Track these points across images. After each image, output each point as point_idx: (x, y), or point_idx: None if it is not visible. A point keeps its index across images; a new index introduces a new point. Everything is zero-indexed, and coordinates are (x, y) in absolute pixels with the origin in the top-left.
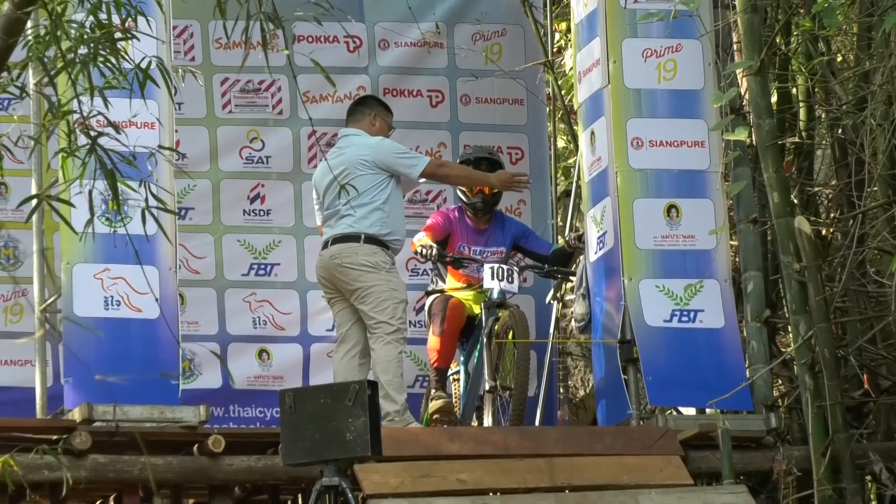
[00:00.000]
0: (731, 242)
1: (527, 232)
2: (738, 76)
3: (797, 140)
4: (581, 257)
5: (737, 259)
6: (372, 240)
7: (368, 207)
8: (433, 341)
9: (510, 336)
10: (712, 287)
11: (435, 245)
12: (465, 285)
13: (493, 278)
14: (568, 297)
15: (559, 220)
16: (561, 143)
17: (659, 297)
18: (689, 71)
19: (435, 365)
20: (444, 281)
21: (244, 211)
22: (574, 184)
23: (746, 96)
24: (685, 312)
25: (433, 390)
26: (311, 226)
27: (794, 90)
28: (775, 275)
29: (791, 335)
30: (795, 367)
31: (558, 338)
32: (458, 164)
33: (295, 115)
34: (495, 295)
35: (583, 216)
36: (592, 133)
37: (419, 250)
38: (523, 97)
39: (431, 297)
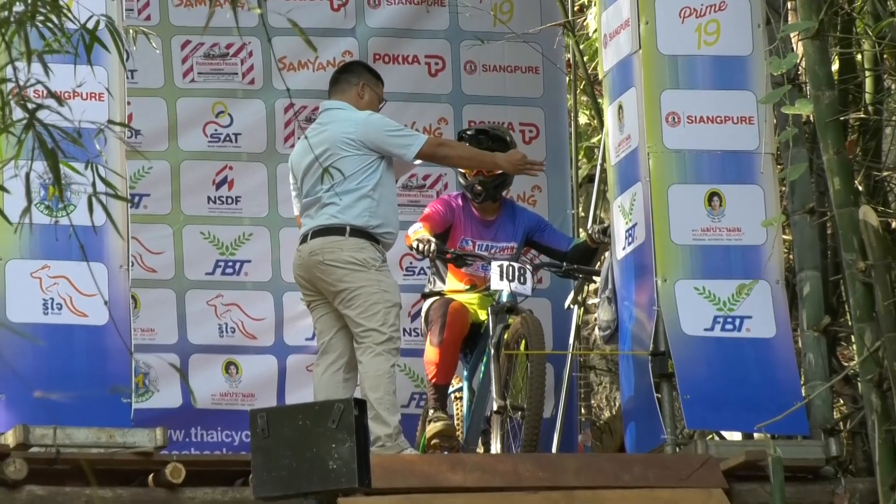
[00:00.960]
0: (785, 237)
1: (542, 224)
2: (793, 40)
3: (862, 116)
4: (606, 254)
5: (791, 256)
6: (359, 232)
7: (355, 195)
8: (431, 353)
9: (522, 347)
10: (762, 289)
11: (434, 239)
12: (468, 287)
13: (502, 278)
14: (591, 301)
15: (581, 210)
16: (583, 119)
17: (698, 302)
18: (735, 34)
19: (433, 381)
20: (443, 281)
21: (209, 198)
22: (598, 167)
23: (803, 64)
24: (729, 319)
25: (431, 411)
26: (287, 216)
27: (858, 57)
28: (836, 275)
29: (855, 347)
30: (860, 385)
31: (579, 349)
32: (460, 143)
33: (269, 84)
34: (504, 298)
35: (608, 205)
36: (620, 107)
37: (415, 245)
38: (539, 65)
39: (429, 301)
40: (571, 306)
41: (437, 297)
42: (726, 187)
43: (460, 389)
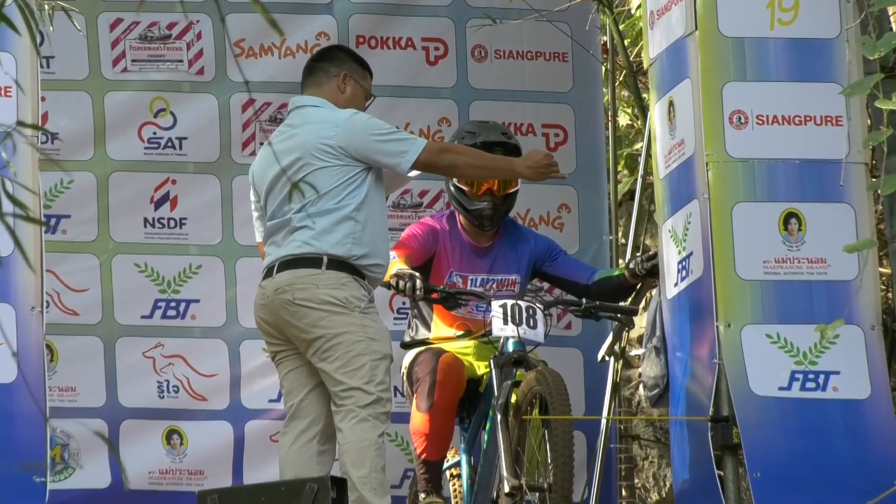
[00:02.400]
0: (882, 270)
1: (553, 250)
2: (892, 18)
3: None
4: (653, 293)
5: (890, 295)
6: (339, 264)
7: (334, 216)
8: (419, 421)
9: (536, 410)
10: (853, 337)
11: (417, 274)
12: (461, 333)
13: (506, 322)
14: (633, 353)
15: (620, 234)
16: (623, 120)
17: (772, 353)
18: (818, 11)
19: (423, 456)
20: (428, 328)
21: (146, 220)
22: (639, 180)
23: None
24: (811, 375)
25: (422, 495)
26: (246, 243)
27: None
28: None
29: None
30: None
31: (618, 413)
32: (469, 148)
33: (222, 75)
34: (511, 347)
35: (656, 230)
36: (671, 104)
37: (393, 282)
38: (567, 50)
39: (411, 354)
40: (607, 358)
41: (422, 348)
42: (807, 206)
43: (457, 464)
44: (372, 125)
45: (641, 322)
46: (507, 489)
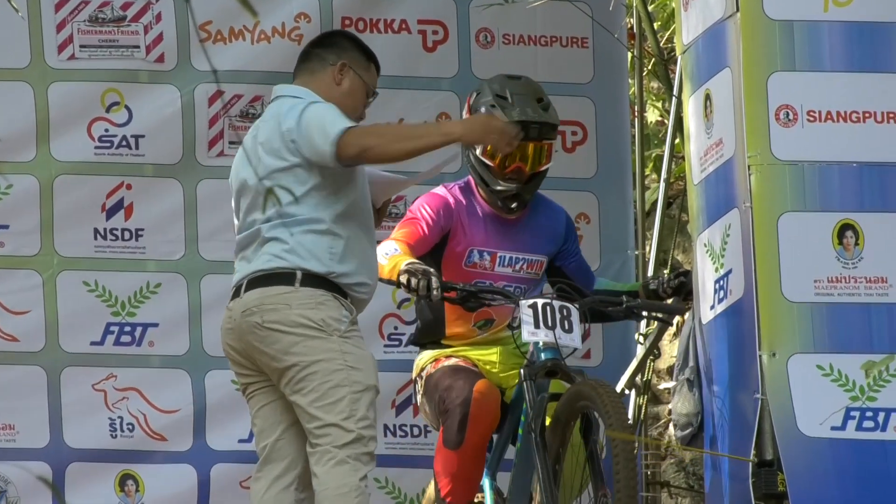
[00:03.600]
0: None
1: (574, 243)
2: None
3: None
4: (686, 317)
5: None
6: (317, 280)
7: (310, 226)
8: (446, 459)
9: (577, 428)
10: None
11: (432, 270)
12: (480, 324)
13: (538, 325)
14: (662, 386)
15: (648, 249)
16: (653, 116)
17: (824, 386)
18: None
19: (449, 500)
20: (441, 319)
21: (96, 231)
22: (661, 184)
23: None
24: (869, 413)
25: None
26: (214, 258)
27: None
28: None
29: None
30: None
31: (643, 457)
32: (390, 124)
33: (185, 63)
34: (543, 356)
35: (689, 243)
36: (707, 97)
37: (404, 280)
38: (587, 35)
39: (426, 357)
40: (626, 391)
41: (439, 353)
42: (866, 217)
43: (479, 489)
44: (322, 113)
45: (672, 351)
46: None
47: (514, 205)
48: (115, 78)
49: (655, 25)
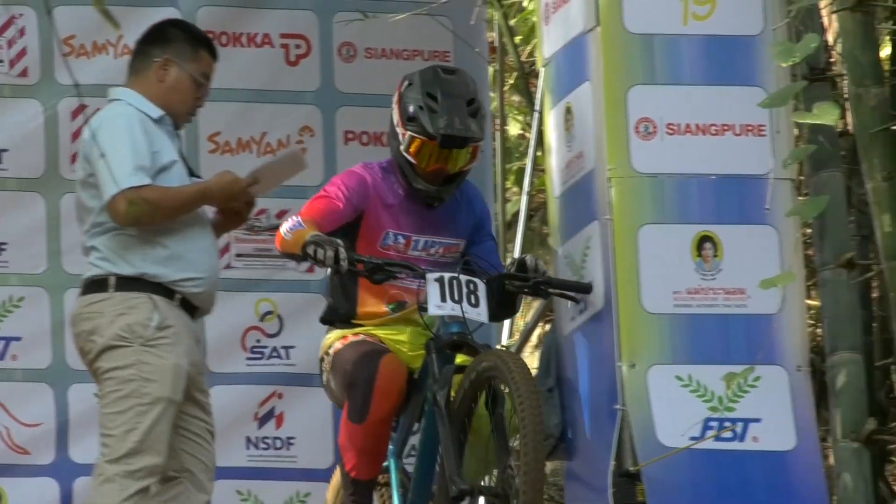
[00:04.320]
0: (810, 302)
1: (487, 227)
2: (822, 13)
3: None
4: (547, 326)
5: (818, 331)
6: (131, 283)
7: (122, 229)
8: (350, 433)
9: (482, 399)
10: (775, 379)
11: (340, 242)
12: (392, 305)
13: (444, 299)
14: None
15: (509, 261)
16: (514, 129)
17: (682, 397)
18: (738, 3)
19: (353, 475)
20: (353, 300)
21: None
22: (524, 196)
23: (837, 48)
24: (728, 424)
25: None
26: (76, 272)
27: None
28: (886, 358)
29: None
30: None
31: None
32: (159, 191)
33: (49, 78)
34: (450, 329)
35: (551, 255)
36: (568, 110)
37: (310, 251)
38: (449, 49)
39: (334, 336)
40: None
41: (352, 334)
42: (724, 229)
43: (385, 470)
44: (112, 138)
45: (533, 362)
46: (454, 493)
47: (434, 203)
48: None
49: (517, 40)
